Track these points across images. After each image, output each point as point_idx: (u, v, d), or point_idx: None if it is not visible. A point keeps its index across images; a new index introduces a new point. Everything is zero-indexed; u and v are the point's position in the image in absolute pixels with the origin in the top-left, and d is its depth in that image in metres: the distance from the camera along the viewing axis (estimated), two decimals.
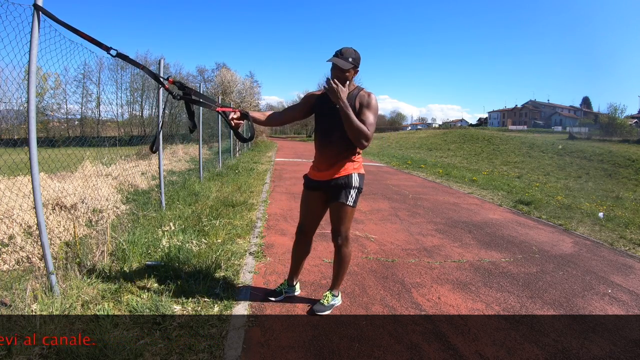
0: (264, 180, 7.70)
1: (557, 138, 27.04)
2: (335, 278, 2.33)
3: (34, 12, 1.98)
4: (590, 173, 15.17)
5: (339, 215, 2.16)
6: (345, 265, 2.28)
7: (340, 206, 2.13)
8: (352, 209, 2.15)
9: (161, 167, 4.65)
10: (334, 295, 2.34)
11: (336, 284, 2.35)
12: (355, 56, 2.07)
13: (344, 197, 2.12)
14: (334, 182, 2.13)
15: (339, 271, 2.30)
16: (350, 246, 2.25)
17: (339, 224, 2.17)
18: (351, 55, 2.05)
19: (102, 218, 3.81)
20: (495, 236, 4.15)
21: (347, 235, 2.20)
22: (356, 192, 2.14)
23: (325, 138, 2.13)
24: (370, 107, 2.05)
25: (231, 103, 16.47)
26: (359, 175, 2.16)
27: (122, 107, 30.94)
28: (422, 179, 9.42)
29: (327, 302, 2.29)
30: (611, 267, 3.33)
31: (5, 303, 2.03)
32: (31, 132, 2.04)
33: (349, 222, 2.19)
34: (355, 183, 2.13)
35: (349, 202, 2.12)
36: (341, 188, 2.12)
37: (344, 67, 2.02)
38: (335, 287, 2.36)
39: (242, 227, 3.95)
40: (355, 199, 2.15)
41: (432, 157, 20.17)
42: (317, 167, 2.20)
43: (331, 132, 2.09)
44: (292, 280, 2.48)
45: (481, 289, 2.73)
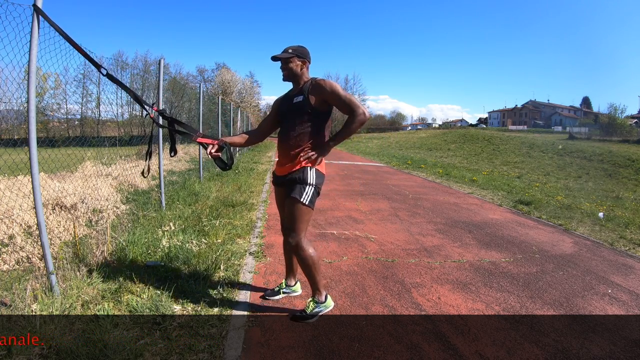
0: (264, 180, 7.71)
1: (557, 138, 27.05)
2: (309, 282, 2.17)
3: (33, 13, 1.98)
4: (590, 173, 15.17)
5: (290, 212, 2.04)
6: (310, 268, 2.08)
7: (293, 202, 2.02)
8: (305, 207, 2.01)
9: (161, 167, 4.65)
10: (317, 301, 2.17)
11: (314, 288, 2.18)
12: (296, 47, 2.14)
13: (297, 192, 2.02)
14: (290, 177, 2.08)
15: (307, 275, 2.12)
16: (306, 251, 2.04)
17: (289, 221, 2.05)
18: (292, 48, 2.14)
19: (102, 218, 3.81)
20: (495, 236, 4.15)
21: (300, 238, 2.02)
22: (312, 189, 2.03)
23: (283, 134, 2.14)
24: (332, 91, 2.04)
25: (231, 103, 16.44)
26: (316, 171, 2.07)
27: (122, 107, 30.90)
28: (422, 179, 9.42)
29: (310, 310, 2.15)
30: (611, 267, 3.33)
31: (5, 303, 2.03)
32: (31, 132, 2.04)
33: (302, 223, 2.03)
34: (311, 179, 2.03)
35: (302, 199, 2.00)
36: (295, 183, 2.04)
37: (284, 57, 2.11)
38: (315, 293, 2.19)
39: (242, 227, 3.95)
40: (311, 197, 2.03)
41: (432, 157, 20.17)
42: (278, 162, 2.21)
43: (288, 129, 2.12)
44: (289, 279, 2.47)
45: (481, 289, 2.73)
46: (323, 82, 2.08)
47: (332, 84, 2.07)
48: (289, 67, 2.12)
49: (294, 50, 2.13)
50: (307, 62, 2.17)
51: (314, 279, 2.13)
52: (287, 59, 2.12)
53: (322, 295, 2.19)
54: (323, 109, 2.10)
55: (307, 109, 2.07)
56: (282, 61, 2.13)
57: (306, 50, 2.18)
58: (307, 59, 2.16)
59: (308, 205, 2.03)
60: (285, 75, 2.16)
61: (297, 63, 2.13)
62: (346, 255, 3.32)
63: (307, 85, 2.12)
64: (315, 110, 2.07)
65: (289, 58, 2.12)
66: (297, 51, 2.13)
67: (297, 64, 2.13)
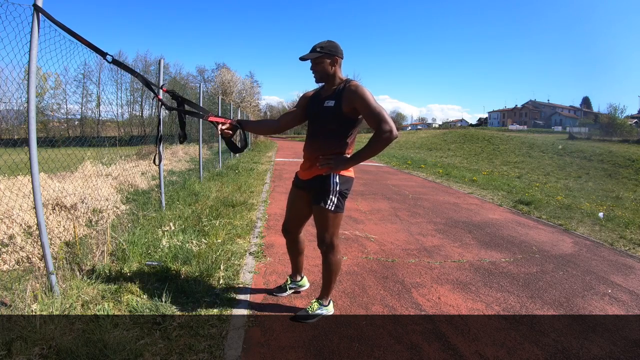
0: (264, 180, 7.70)
1: (557, 138, 27.05)
2: (324, 286, 2.21)
3: (34, 12, 1.98)
4: (590, 173, 15.17)
5: (320, 220, 2.05)
6: (333, 274, 2.14)
7: (320, 210, 2.02)
8: (333, 214, 2.01)
9: (161, 167, 4.65)
10: (322, 304, 2.21)
11: (324, 293, 2.22)
12: (325, 44, 1.97)
13: (323, 200, 1.99)
14: (314, 183, 2.04)
15: (327, 279, 2.17)
16: (337, 254, 2.10)
17: (320, 229, 2.07)
18: (319, 45, 1.97)
19: (102, 218, 3.81)
20: (495, 236, 4.15)
21: (332, 242, 2.06)
22: (337, 196, 2.00)
23: (310, 138, 2.08)
24: (363, 100, 1.89)
25: (231, 103, 16.45)
26: (340, 177, 2.00)
27: (122, 107, 30.95)
28: (422, 179, 9.41)
29: (312, 310, 2.17)
30: (611, 267, 3.33)
31: (5, 303, 2.03)
32: (31, 132, 2.04)
33: (333, 228, 2.04)
34: (336, 186, 1.99)
35: (328, 207, 1.99)
36: (321, 190, 2.01)
37: (312, 57, 1.97)
38: (323, 296, 2.23)
39: (242, 227, 3.95)
40: (338, 203, 2.01)
41: (432, 157, 20.17)
42: (302, 165, 2.14)
43: (315, 132, 2.05)
44: (294, 276, 2.51)
45: (481, 289, 2.73)
46: (356, 88, 1.92)
47: (364, 91, 1.90)
48: (319, 68, 1.99)
49: (322, 48, 1.96)
50: (338, 59, 2.00)
51: (329, 284, 2.19)
52: (315, 59, 1.98)
53: (327, 300, 2.25)
54: (354, 117, 1.97)
55: (337, 116, 1.96)
56: (312, 62, 1.99)
57: (336, 44, 1.99)
58: (337, 55, 1.99)
59: (335, 212, 2.02)
60: (317, 77, 2.03)
61: (327, 62, 1.98)
62: (346, 255, 3.32)
63: (339, 89, 1.98)
64: (346, 117, 1.96)
65: (318, 58, 1.97)
66: (326, 49, 1.96)
67: (327, 63, 1.98)
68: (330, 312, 2.25)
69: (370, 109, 1.88)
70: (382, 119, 1.84)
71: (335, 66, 2.00)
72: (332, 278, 2.16)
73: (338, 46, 2.00)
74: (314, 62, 1.99)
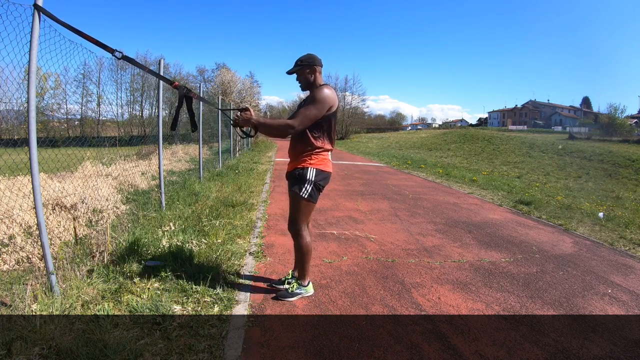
0: (264, 180, 7.70)
1: (557, 138, 27.03)
2: (300, 268, 2.44)
3: (34, 12, 1.98)
4: (590, 173, 15.16)
5: (293, 205, 2.33)
6: (304, 255, 2.36)
7: (293, 195, 2.30)
8: (305, 201, 2.27)
9: (161, 167, 4.65)
10: (300, 284, 2.43)
11: (301, 274, 2.45)
12: (304, 58, 2.29)
13: (297, 187, 2.26)
14: (293, 173, 2.32)
15: (299, 260, 2.41)
16: (304, 239, 2.33)
17: (292, 213, 2.34)
18: (300, 59, 2.29)
19: (102, 218, 3.81)
20: (495, 236, 4.15)
21: (300, 227, 2.31)
22: (311, 185, 2.25)
23: (291, 138, 2.37)
24: (309, 99, 2.22)
25: (231, 103, 16.46)
26: (315, 169, 2.26)
27: (122, 107, 30.98)
28: (422, 179, 9.41)
29: (292, 290, 2.41)
30: (611, 267, 3.33)
31: (6, 303, 2.03)
32: (31, 132, 2.04)
33: (302, 215, 2.30)
34: (310, 176, 2.25)
35: (302, 193, 2.24)
36: (296, 178, 2.27)
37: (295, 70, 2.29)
38: (301, 277, 2.45)
39: (242, 227, 3.95)
40: (310, 192, 2.26)
41: (432, 157, 20.16)
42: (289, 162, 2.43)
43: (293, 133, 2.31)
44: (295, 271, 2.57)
45: (481, 289, 2.73)
46: (314, 91, 2.23)
47: (316, 94, 2.19)
48: (302, 78, 2.31)
49: (302, 61, 2.28)
50: (316, 68, 2.29)
51: (303, 266, 2.42)
52: (298, 71, 2.29)
53: (306, 281, 2.46)
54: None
55: None
56: (296, 74, 2.31)
57: (313, 56, 2.30)
58: (315, 64, 2.28)
59: (307, 200, 2.27)
60: (302, 86, 2.34)
61: (306, 72, 2.29)
62: (346, 255, 3.32)
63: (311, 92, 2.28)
64: None
65: (300, 70, 2.28)
66: (305, 61, 2.27)
67: (306, 73, 2.29)
68: (310, 293, 2.46)
69: (305, 107, 2.20)
70: (299, 119, 2.16)
71: (315, 74, 2.30)
72: (304, 259, 2.39)
73: (316, 57, 2.31)
74: (297, 74, 2.31)
